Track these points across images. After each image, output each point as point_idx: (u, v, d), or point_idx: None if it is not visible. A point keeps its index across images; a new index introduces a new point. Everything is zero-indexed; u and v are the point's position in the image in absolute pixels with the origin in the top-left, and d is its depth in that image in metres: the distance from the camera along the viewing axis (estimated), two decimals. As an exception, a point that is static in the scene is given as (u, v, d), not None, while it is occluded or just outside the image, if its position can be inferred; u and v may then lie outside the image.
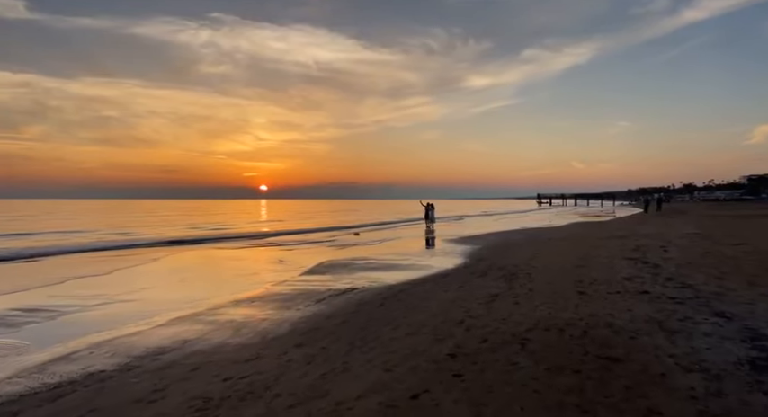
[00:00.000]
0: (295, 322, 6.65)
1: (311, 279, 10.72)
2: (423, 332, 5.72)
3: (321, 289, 9.26)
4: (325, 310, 7.41)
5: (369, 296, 8.47)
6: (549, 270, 10.35)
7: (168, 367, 4.78)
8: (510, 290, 8.26)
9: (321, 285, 9.81)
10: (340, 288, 9.33)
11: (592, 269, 10.29)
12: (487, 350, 4.90)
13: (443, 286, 9.19)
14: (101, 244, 19.27)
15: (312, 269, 12.29)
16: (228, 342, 5.67)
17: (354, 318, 6.69)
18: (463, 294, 8.16)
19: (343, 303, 7.94)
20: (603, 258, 12.07)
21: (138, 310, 7.69)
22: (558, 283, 8.72)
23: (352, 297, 8.49)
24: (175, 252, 17.23)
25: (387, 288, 9.13)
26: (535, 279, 9.27)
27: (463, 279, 9.86)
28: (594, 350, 4.74)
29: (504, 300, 7.42)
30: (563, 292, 7.84)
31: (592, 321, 5.85)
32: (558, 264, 11.29)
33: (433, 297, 7.97)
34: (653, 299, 6.99)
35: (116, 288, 9.87)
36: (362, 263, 13.17)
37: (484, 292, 8.20)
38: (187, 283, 10.78)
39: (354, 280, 10.33)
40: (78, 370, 4.70)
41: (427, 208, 28.59)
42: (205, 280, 11.27)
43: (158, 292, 9.53)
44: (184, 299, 8.51)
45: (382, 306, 7.49)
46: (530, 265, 11.43)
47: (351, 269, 12.24)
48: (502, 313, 6.54)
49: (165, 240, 21.43)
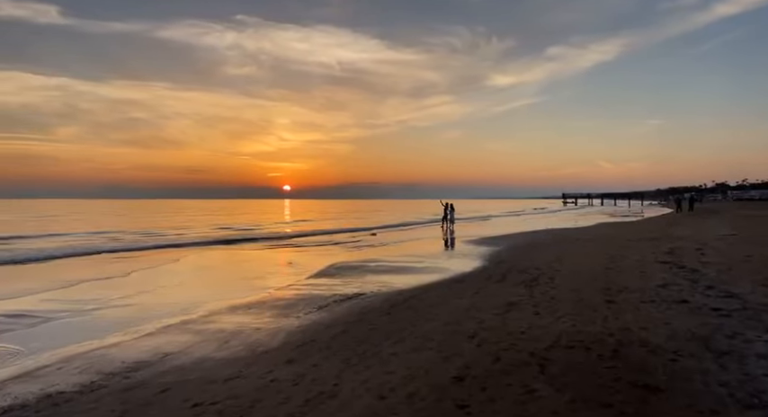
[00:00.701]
0: (291, 332, 6.06)
1: (318, 282, 10.15)
2: (428, 348, 5.07)
3: (326, 294, 8.67)
4: (326, 318, 6.81)
5: (375, 302, 7.84)
6: (573, 275, 9.55)
7: (137, 387, 4.24)
8: (530, 298, 7.52)
9: (327, 289, 9.22)
10: (346, 293, 8.72)
11: (621, 274, 9.45)
12: (500, 372, 4.21)
13: (457, 292, 8.50)
14: (128, 245, 19.11)
15: (321, 271, 11.73)
16: (212, 357, 5.11)
17: (355, 328, 6.06)
18: (478, 301, 7.47)
19: (347, 310, 7.33)
20: (634, 261, 11.18)
21: (131, 316, 7.23)
22: (583, 290, 7.94)
23: (357, 303, 7.88)
24: (193, 254, 16.92)
25: (396, 294, 8.49)
26: (558, 285, 8.50)
27: (479, 285, 9.14)
28: (628, 375, 4.01)
29: (522, 310, 6.70)
30: (589, 301, 7.07)
31: (623, 337, 5.10)
32: (584, 268, 10.47)
33: (444, 305, 7.29)
34: (693, 311, 6.18)
35: (121, 290, 9.48)
36: (374, 266, 12.55)
37: (501, 300, 7.48)
38: (190, 286, 10.34)
39: (363, 284, 9.72)
40: (36, 391, 4.20)
41: (446, 208, 27.79)
42: (209, 284, 10.82)
43: (159, 296, 9.09)
44: (182, 304, 8.03)
45: (388, 315, 6.85)
46: (553, 269, 10.63)
47: (361, 272, 11.63)
48: (519, 325, 5.83)
49: (188, 242, 21.15)
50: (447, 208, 27.80)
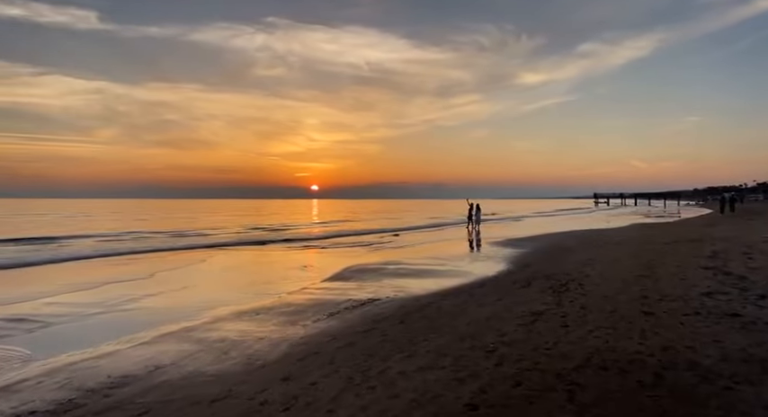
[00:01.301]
0: (294, 343, 5.61)
1: (333, 286, 9.70)
2: (441, 366, 4.52)
3: (339, 300, 8.20)
4: (334, 327, 6.34)
5: (389, 309, 7.33)
6: (606, 281, 8.83)
7: (114, 408, 3.84)
8: (557, 307, 6.87)
9: (341, 294, 8.76)
10: (360, 299, 8.24)
11: (659, 280, 8.67)
12: (521, 398, 3.64)
13: (479, 298, 7.91)
14: (160, 246, 19.09)
15: (338, 274, 11.29)
16: (205, 371, 4.69)
17: (364, 340, 5.57)
18: (500, 310, 6.86)
19: (358, 318, 6.84)
20: (673, 266, 10.33)
21: (135, 321, 6.92)
22: (617, 299, 7.24)
23: (370, 310, 7.38)
24: (220, 254, 16.75)
25: (412, 300, 7.96)
26: (589, 293, 7.81)
27: (503, 290, 8.53)
28: (676, 407, 3.38)
29: (549, 320, 6.07)
30: (624, 311, 6.38)
31: (666, 357, 4.44)
32: (618, 273, 9.70)
33: (463, 314, 6.72)
34: (747, 326, 5.44)
35: (137, 292, 9.24)
36: (393, 269, 12.03)
37: (525, 308, 6.86)
38: (205, 289, 10.03)
39: (379, 289, 9.22)
40: (7, 410, 3.84)
41: (471, 208, 27.01)
42: (224, 286, 10.49)
43: (171, 299, 8.79)
44: (191, 308, 7.70)
45: (402, 324, 6.33)
46: (583, 274, 9.90)
47: (379, 275, 11.14)
48: (545, 339, 5.22)
49: (218, 243, 21.03)
50: (472, 208, 27.03)
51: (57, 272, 12.87)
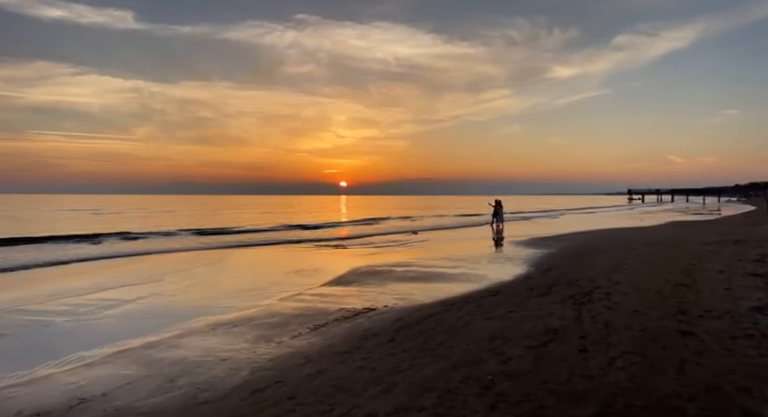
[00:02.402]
0: (259, 367, 4.80)
1: (330, 292, 8.88)
2: (421, 406, 3.63)
3: (331, 309, 7.37)
4: (313, 345, 5.52)
5: (383, 322, 6.45)
6: (637, 291, 7.73)
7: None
8: (577, 323, 5.87)
9: (335, 302, 7.93)
10: (355, 308, 7.39)
11: (700, 291, 7.51)
12: (513, 466, 2.72)
13: (488, 309, 6.95)
14: (191, 246, 18.69)
15: (340, 277, 10.47)
16: (134, 407, 3.92)
17: (340, 366, 4.71)
18: (509, 326, 5.91)
19: (344, 333, 5.99)
20: (716, 273, 9.11)
21: (92, 334, 6.27)
22: (649, 314, 6.17)
23: (361, 322, 6.52)
24: (236, 254, 16.24)
25: (412, 311, 7.06)
26: (616, 305, 6.75)
27: (517, 300, 7.54)
28: None
29: (565, 342, 5.09)
30: (657, 331, 5.34)
31: (712, 403, 3.43)
32: (651, 281, 8.56)
33: (465, 330, 5.80)
34: (815, 357, 4.34)
35: (117, 297, 8.65)
36: (401, 271, 11.14)
37: (539, 324, 5.88)
38: (196, 293, 9.30)
39: (379, 296, 8.36)
40: None
41: (495, 206, 25.83)
42: (218, 289, 9.75)
43: (149, 306, 8.13)
44: (165, 318, 7.02)
45: (391, 343, 5.46)
46: (611, 280, 8.80)
47: (384, 278, 10.27)
48: (557, 369, 4.26)
49: (229, 244, 20.56)
50: (496, 205, 25.86)
51: (36, 276, 12.51)
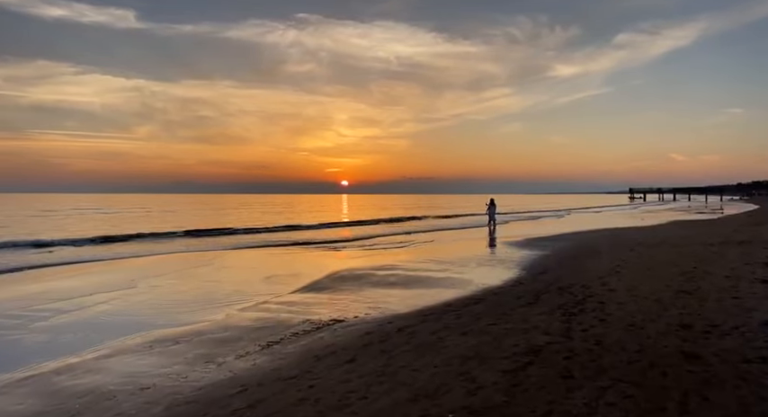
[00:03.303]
0: (179, 400, 4.05)
1: (299, 299, 8.15)
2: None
3: (294, 321, 6.64)
4: (259, 367, 4.79)
5: (347, 338, 5.72)
6: (634, 299, 6.98)
7: None
8: (565, 339, 5.12)
9: (302, 311, 7.20)
10: (321, 320, 6.66)
11: (705, 300, 6.76)
12: None
13: (468, 320, 6.22)
14: (192, 248, 18.17)
15: (315, 282, 9.73)
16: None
17: (278, 398, 3.97)
18: (487, 343, 5.16)
19: (300, 352, 5.25)
20: (721, 278, 8.35)
21: (3, 355, 5.53)
22: (647, 328, 5.42)
23: (323, 337, 5.79)
24: (226, 255, 15.54)
25: (384, 323, 6.33)
26: (609, 317, 6.00)
27: (502, 309, 6.80)
28: None
29: (547, 364, 4.34)
30: (656, 352, 4.59)
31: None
32: (650, 287, 7.81)
33: (435, 348, 5.06)
34: None
35: (59, 307, 7.94)
36: (383, 275, 10.40)
37: (521, 341, 5.14)
38: (145, 303, 8.54)
39: (352, 304, 7.63)
40: None
41: (488, 205, 25.02)
42: (175, 300, 8.95)
43: (97, 317, 7.40)
44: (102, 333, 6.29)
45: (349, 364, 4.72)
46: (606, 287, 8.06)
47: (363, 283, 9.53)
48: (533, 404, 3.52)
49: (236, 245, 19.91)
50: (489, 205, 25.08)
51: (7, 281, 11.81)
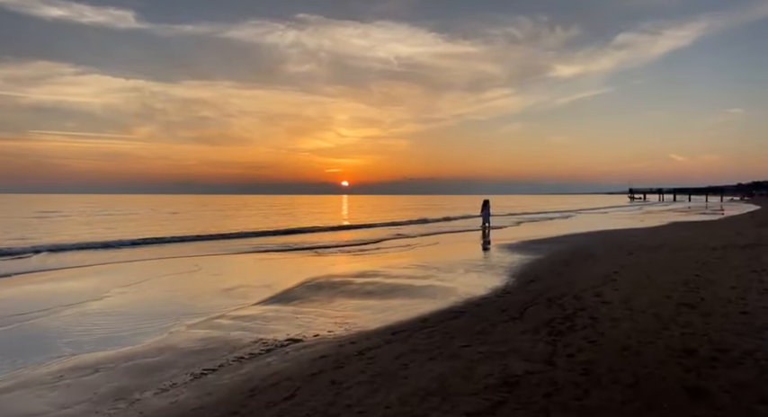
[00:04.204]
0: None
1: (259, 313, 7.35)
2: None
3: (244, 340, 5.85)
4: (176, 407, 4.01)
5: (298, 363, 4.94)
6: (630, 314, 6.19)
7: None
8: (547, 367, 4.34)
9: (257, 328, 6.41)
10: (276, 339, 5.88)
11: (710, 315, 5.97)
12: None
13: (440, 340, 5.44)
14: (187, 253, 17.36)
15: (285, 292, 8.93)
16: None
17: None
18: (457, 371, 4.38)
19: (234, 384, 4.47)
20: (726, 289, 7.56)
21: None
22: (644, 353, 4.64)
23: (270, 363, 5.01)
24: (211, 262, 14.76)
25: (345, 344, 5.55)
26: (602, 337, 5.22)
27: (481, 325, 6.03)
28: None
29: (523, 404, 3.56)
30: (655, 387, 3.81)
31: None
32: (649, 299, 7.03)
33: (397, 377, 4.28)
34: None
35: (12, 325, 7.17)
36: (361, 283, 9.61)
37: (496, 369, 4.36)
38: (82, 318, 7.78)
39: (316, 320, 6.84)
40: None
41: (482, 206, 24.20)
42: (120, 314, 8.19)
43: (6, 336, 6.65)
44: (22, 353, 5.53)
45: (287, 401, 3.94)
46: (600, 298, 7.28)
47: (337, 293, 8.75)
48: (497, 467, 2.74)
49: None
50: (482, 205, 24.29)
51: None
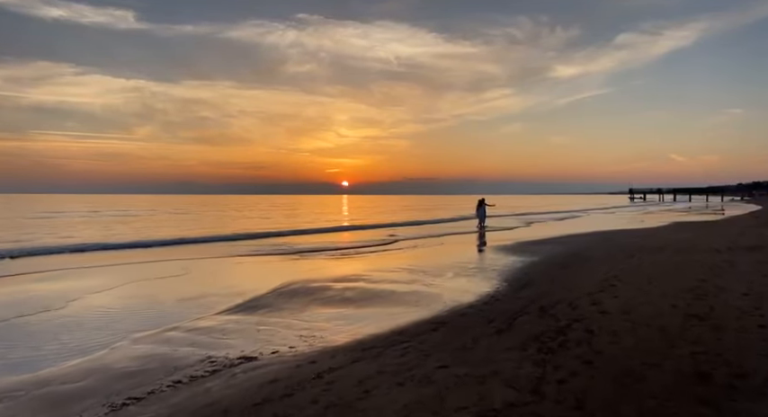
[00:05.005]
0: None
1: (218, 324, 6.61)
2: None
3: (190, 359, 5.11)
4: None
5: (243, 389, 4.22)
6: (631, 327, 5.47)
7: None
8: (533, 398, 3.62)
9: (210, 344, 5.68)
10: (227, 357, 5.15)
11: (722, 329, 5.24)
12: None
13: (414, 359, 4.72)
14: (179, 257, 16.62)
15: (255, 299, 8.19)
16: None
17: None
18: (426, 401, 3.66)
19: None
20: (738, 296, 6.84)
21: None
22: (650, 380, 3.91)
23: (208, 390, 4.28)
24: (173, 267, 14.01)
25: (303, 364, 4.82)
26: (599, 357, 4.49)
27: (463, 340, 5.31)
28: None
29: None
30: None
31: None
32: (652, 308, 6.31)
33: (354, 409, 3.55)
34: None
35: None
36: (340, 288, 8.88)
37: (473, 400, 3.65)
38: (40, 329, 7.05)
39: (280, 332, 6.12)
40: None
41: (477, 205, 23.51)
42: (84, 319, 7.46)
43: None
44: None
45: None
46: (597, 307, 6.56)
47: (312, 299, 8.02)
48: None
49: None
50: (478, 204, 23.61)
51: None
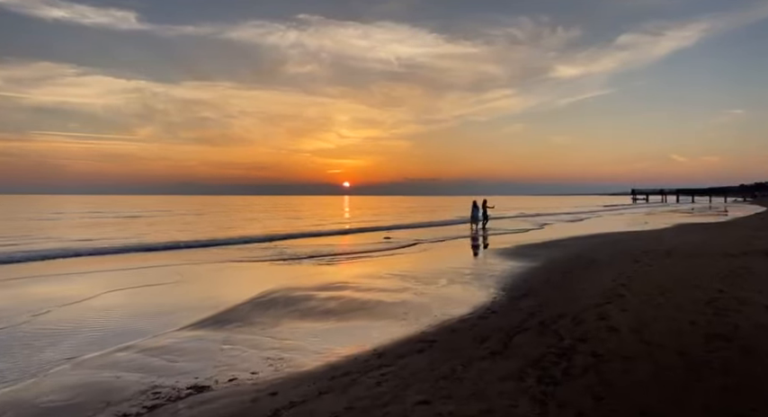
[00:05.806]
0: None
1: (177, 342, 5.88)
2: None
3: (129, 391, 4.38)
4: None
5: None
6: (646, 349, 4.73)
7: None
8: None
9: (160, 368, 4.96)
10: (174, 387, 4.43)
11: (751, 353, 4.49)
12: None
13: (389, 391, 3.99)
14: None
15: (228, 311, 7.46)
16: None
17: None
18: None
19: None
20: (763, 310, 6.08)
21: None
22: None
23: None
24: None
25: (260, 397, 4.10)
26: (610, 390, 3.76)
27: (450, 364, 4.58)
28: None
29: None
30: None
31: None
32: (667, 326, 5.56)
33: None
34: None
35: None
36: (323, 298, 8.16)
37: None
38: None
39: (245, 353, 5.40)
40: None
41: (481, 205, 22.72)
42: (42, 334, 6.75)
43: None
44: None
45: None
46: (605, 321, 5.82)
47: (289, 312, 7.30)
48: None
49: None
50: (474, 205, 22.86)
51: None
